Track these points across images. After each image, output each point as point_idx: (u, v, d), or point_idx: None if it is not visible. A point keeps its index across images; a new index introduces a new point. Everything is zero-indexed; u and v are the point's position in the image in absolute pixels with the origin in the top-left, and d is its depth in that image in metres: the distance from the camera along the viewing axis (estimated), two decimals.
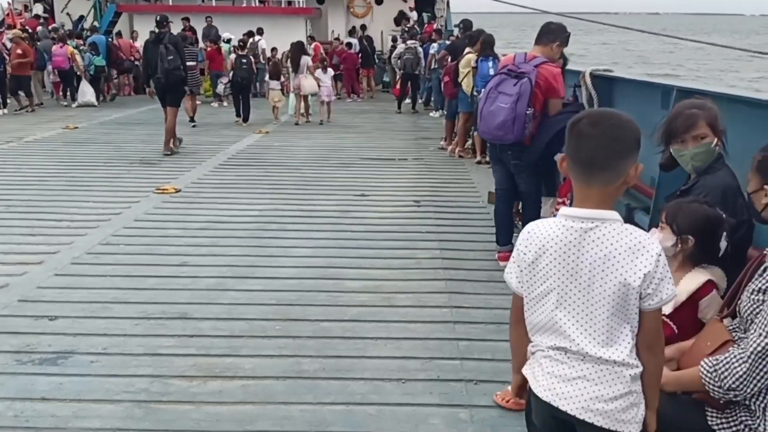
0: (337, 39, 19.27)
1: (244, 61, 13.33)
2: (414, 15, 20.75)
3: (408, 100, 15.25)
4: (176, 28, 16.41)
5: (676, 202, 2.58)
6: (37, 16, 20.08)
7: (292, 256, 5.23)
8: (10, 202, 6.73)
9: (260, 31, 17.38)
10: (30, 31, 16.26)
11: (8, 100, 14.11)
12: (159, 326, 4.03)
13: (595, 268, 1.75)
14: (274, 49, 17.33)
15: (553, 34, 4.94)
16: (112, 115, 13.81)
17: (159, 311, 4.21)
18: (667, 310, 2.42)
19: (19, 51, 13.82)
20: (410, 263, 5.13)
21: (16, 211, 6.45)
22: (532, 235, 1.85)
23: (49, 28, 17.75)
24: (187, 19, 18.10)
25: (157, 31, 9.94)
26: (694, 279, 2.43)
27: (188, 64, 12.32)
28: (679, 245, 2.45)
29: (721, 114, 2.78)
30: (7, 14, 18.42)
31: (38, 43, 15.39)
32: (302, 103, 13.30)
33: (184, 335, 3.90)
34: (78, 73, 15.47)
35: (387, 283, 4.67)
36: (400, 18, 19.32)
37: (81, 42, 16.52)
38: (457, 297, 4.45)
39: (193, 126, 12.09)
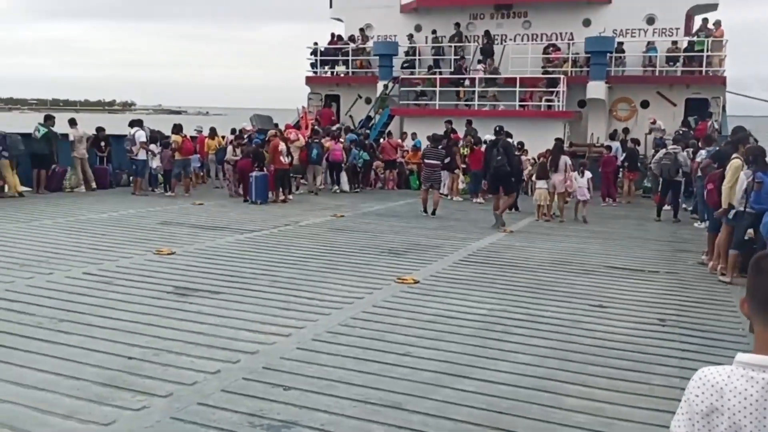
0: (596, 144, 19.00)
1: (499, 158, 14.05)
2: (660, 124, 19.59)
3: (667, 207, 14.25)
4: (439, 129, 17.84)
5: None
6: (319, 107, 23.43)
7: (512, 362, 5.12)
8: (275, 278, 7.71)
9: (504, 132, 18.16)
10: (320, 130, 18.97)
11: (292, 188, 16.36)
12: (373, 412, 4.21)
13: None
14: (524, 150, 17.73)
15: None
16: (374, 207, 15.20)
17: (376, 397, 4.41)
18: None
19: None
20: (641, 389, 4.68)
21: (278, 286, 7.37)
22: (706, 383, 1.64)
23: (334, 127, 20.50)
24: (449, 122, 19.49)
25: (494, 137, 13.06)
26: None
27: (432, 162, 13.77)
28: None
29: None
30: (302, 116, 21.60)
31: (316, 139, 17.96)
32: (555, 202, 13.76)
33: (394, 425, 4.02)
34: (343, 165, 18.09)
35: (609, 407, 4.31)
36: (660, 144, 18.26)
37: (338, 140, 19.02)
38: None
39: (432, 215, 13.57)
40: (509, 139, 13.71)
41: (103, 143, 17.27)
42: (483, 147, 17.27)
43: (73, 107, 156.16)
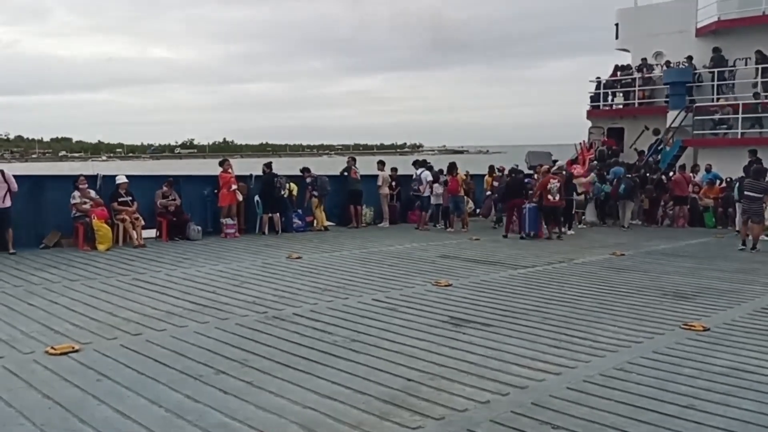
0: None
1: None
2: None
3: None
4: (742, 160, 15.96)
5: None
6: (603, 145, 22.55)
7: None
8: (547, 315, 7.63)
9: None
10: (595, 163, 18.54)
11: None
12: None
13: None
14: None
15: None
16: (659, 246, 14.11)
17: None
18: None
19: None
20: None
21: (550, 323, 7.28)
22: None
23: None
24: (754, 152, 17.32)
25: None
26: None
27: (754, 195, 12.85)
28: None
29: None
30: (580, 152, 21.05)
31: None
32: None
33: None
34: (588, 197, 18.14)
35: None
36: None
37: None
38: None
39: (753, 250, 13.07)
40: None
41: (394, 183, 18.93)
42: None
43: (370, 151, 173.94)
